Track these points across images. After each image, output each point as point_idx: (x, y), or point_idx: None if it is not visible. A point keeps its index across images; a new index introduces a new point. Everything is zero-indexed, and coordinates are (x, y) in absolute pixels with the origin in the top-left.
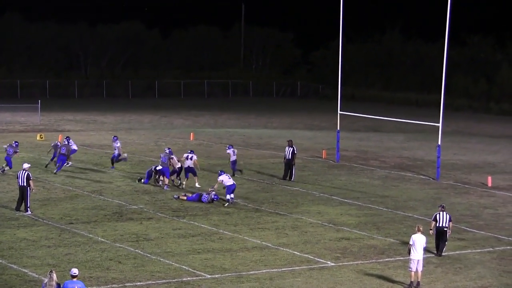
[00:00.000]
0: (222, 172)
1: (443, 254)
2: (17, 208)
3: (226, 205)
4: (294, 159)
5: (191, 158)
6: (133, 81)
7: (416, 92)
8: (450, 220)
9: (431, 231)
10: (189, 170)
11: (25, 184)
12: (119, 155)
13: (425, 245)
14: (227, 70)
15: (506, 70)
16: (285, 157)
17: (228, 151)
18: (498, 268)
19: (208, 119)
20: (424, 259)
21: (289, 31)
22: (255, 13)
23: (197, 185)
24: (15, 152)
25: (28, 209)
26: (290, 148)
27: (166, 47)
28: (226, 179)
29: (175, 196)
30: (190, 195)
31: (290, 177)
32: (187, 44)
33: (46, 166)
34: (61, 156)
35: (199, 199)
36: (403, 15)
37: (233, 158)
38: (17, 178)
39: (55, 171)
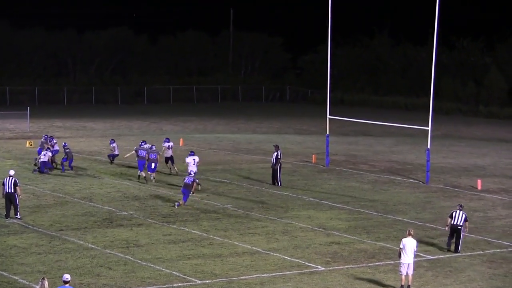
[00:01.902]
0: (192, 152)
1: (458, 251)
2: (7, 216)
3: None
4: (277, 164)
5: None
6: (122, 87)
7: (405, 96)
8: (466, 220)
9: (447, 227)
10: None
11: (12, 191)
12: (117, 155)
13: (415, 249)
14: (216, 75)
15: (494, 73)
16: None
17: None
18: (488, 271)
19: (197, 125)
20: (414, 262)
21: (278, 36)
22: (243, 18)
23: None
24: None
25: (18, 213)
26: (275, 152)
27: (155, 53)
28: (192, 163)
29: (177, 204)
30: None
31: (277, 183)
32: (175, 49)
33: (35, 165)
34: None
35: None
36: (392, 19)
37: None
38: (3, 185)
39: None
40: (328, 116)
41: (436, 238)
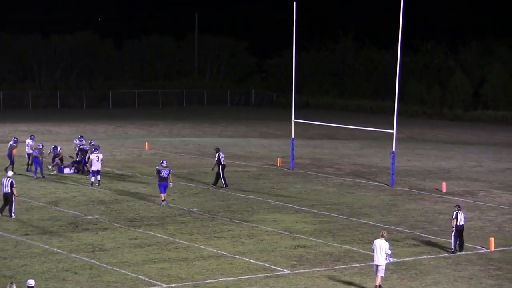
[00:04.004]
0: (96, 149)
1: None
2: (1, 211)
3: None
4: (218, 166)
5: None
6: (87, 91)
7: (370, 99)
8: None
9: (453, 229)
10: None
11: (9, 191)
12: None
13: (388, 251)
14: (181, 79)
15: (458, 76)
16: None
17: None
18: (454, 274)
19: (163, 129)
20: (386, 265)
21: (243, 39)
22: (208, 22)
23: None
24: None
25: (13, 214)
26: (216, 154)
27: (120, 57)
28: (95, 160)
29: (163, 202)
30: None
31: (215, 183)
32: (141, 54)
33: (27, 170)
34: (35, 159)
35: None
36: (356, 23)
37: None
38: (1, 185)
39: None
40: (293, 119)
41: (401, 240)
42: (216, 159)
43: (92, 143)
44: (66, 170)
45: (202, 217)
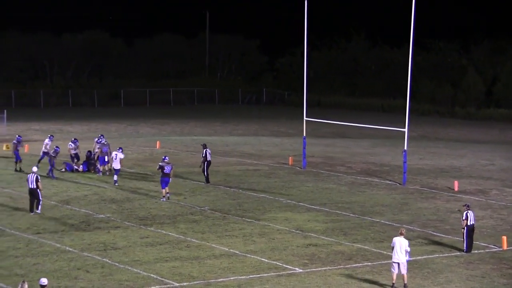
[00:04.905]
0: (120, 149)
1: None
2: (32, 210)
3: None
4: (204, 162)
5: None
6: (99, 90)
7: (382, 98)
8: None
9: (463, 230)
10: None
11: (35, 186)
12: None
13: (407, 249)
14: (192, 78)
15: (471, 75)
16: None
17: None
18: (466, 273)
19: (174, 127)
20: (407, 262)
21: (254, 38)
22: (219, 21)
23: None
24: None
25: (39, 209)
26: (203, 150)
27: (131, 56)
28: (114, 158)
29: (163, 199)
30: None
31: (207, 180)
32: (152, 52)
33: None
34: (50, 160)
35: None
36: (368, 22)
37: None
38: (27, 181)
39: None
40: (305, 118)
41: (413, 239)
42: (203, 155)
43: (101, 141)
44: (79, 168)
45: (213, 216)
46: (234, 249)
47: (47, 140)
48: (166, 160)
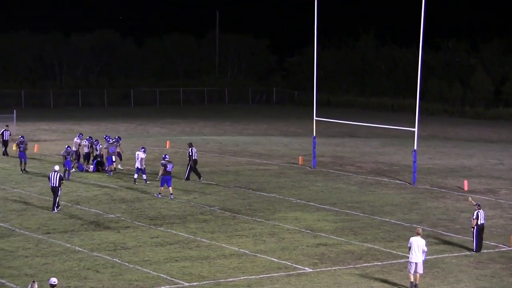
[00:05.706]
0: (143, 148)
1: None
2: (56, 207)
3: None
4: (190, 161)
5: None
6: (108, 89)
7: (391, 97)
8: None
9: (472, 229)
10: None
11: (57, 185)
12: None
13: (424, 248)
14: (202, 77)
15: (480, 74)
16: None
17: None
18: (476, 272)
19: (184, 127)
20: (424, 262)
21: (264, 38)
22: (229, 21)
23: (119, 166)
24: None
25: (55, 208)
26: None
27: (141, 56)
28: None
29: (158, 195)
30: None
31: (199, 177)
32: (161, 52)
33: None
34: (67, 161)
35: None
36: (377, 21)
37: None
38: (49, 179)
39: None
40: (314, 117)
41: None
42: (190, 153)
43: (110, 141)
44: (89, 168)
45: (223, 216)
46: (244, 249)
47: (76, 139)
48: (167, 159)
